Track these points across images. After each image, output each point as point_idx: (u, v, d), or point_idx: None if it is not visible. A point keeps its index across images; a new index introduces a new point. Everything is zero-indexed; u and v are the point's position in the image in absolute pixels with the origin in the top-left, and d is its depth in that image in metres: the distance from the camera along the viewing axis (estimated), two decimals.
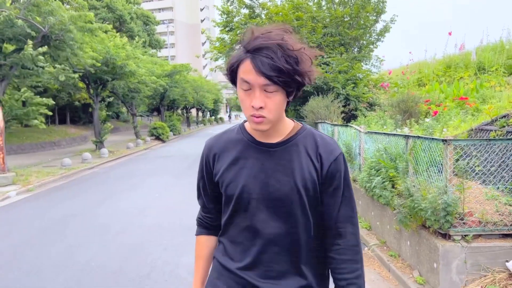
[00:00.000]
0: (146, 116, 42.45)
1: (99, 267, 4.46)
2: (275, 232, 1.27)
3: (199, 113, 49.01)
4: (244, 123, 1.38)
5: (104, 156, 15.15)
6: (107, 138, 17.75)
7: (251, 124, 1.21)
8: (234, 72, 1.20)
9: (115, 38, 16.61)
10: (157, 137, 23.46)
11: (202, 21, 78.94)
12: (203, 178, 1.41)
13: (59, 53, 11.41)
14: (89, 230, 5.89)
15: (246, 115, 1.21)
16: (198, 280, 1.48)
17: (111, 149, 17.19)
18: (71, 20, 10.79)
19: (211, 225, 1.47)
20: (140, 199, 7.98)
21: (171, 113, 31.86)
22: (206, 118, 53.84)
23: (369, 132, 6.07)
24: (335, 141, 1.33)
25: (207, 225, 1.47)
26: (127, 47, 16.77)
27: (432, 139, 3.93)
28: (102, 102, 19.29)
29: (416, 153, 4.21)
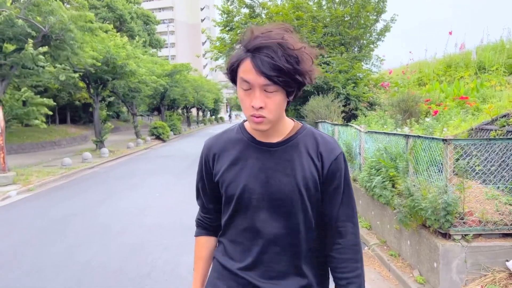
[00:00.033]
0: (147, 115, 42.44)
1: (100, 266, 4.46)
2: (276, 232, 1.26)
3: (200, 113, 49.02)
4: (243, 123, 1.37)
5: (105, 155, 15.16)
6: (107, 138, 17.76)
7: (251, 124, 1.20)
8: (234, 72, 1.18)
9: (115, 37, 16.61)
10: (158, 136, 23.46)
11: (202, 20, 78.94)
12: (203, 178, 1.39)
13: (59, 52, 11.41)
14: (89, 230, 5.89)
15: (246, 115, 1.20)
16: (198, 281, 1.46)
17: (111, 148, 17.19)
18: (71, 20, 10.79)
19: (210, 226, 1.46)
20: (140, 199, 7.98)
21: (171, 113, 31.85)
22: (207, 117, 53.87)
23: (369, 131, 6.07)
24: (335, 140, 1.33)
25: (206, 226, 1.46)
26: (128, 46, 16.77)
27: (432, 138, 3.93)
28: (103, 101, 19.32)
29: (416, 152, 4.21)
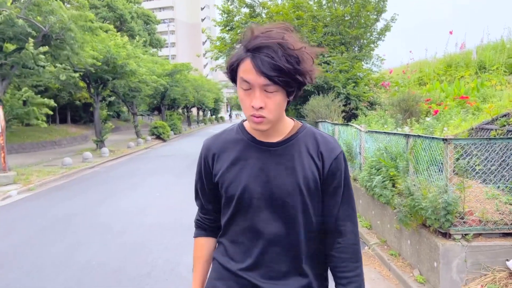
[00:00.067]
0: (147, 115, 42.47)
1: (100, 266, 4.47)
2: (276, 232, 1.26)
3: (200, 112, 49.02)
4: (242, 123, 1.36)
5: (105, 155, 15.16)
6: (107, 137, 17.78)
7: (251, 124, 1.20)
8: (234, 71, 1.18)
9: (115, 37, 16.62)
10: (158, 136, 23.47)
11: (202, 20, 78.92)
12: (202, 179, 1.38)
13: (59, 52, 11.41)
14: (89, 229, 5.90)
15: (246, 114, 1.19)
16: (197, 282, 1.45)
17: (111, 148, 17.20)
18: (71, 19, 10.79)
19: (209, 227, 1.45)
20: (140, 198, 7.99)
21: (171, 112, 31.87)
22: (207, 117, 53.87)
23: (369, 131, 6.07)
24: (335, 140, 1.33)
25: (205, 227, 1.45)
26: (128, 46, 16.78)
27: (433, 138, 3.93)
28: (103, 101, 19.34)
29: (417, 152, 4.22)
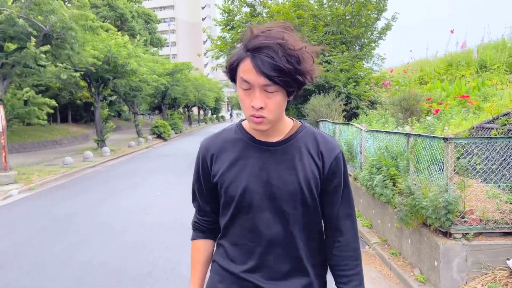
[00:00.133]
0: (148, 114, 42.49)
1: (101, 265, 4.48)
2: (278, 232, 1.25)
3: (201, 112, 49.02)
4: (241, 122, 1.34)
5: (106, 154, 15.18)
6: (108, 137, 17.79)
7: (251, 124, 1.19)
8: (233, 71, 1.17)
9: (116, 36, 16.61)
10: (159, 135, 23.47)
11: (203, 19, 78.92)
12: (199, 179, 1.36)
13: (60, 51, 11.41)
14: (90, 229, 5.91)
15: (246, 114, 1.18)
16: (196, 286, 1.42)
17: (112, 147, 17.21)
18: (72, 19, 10.79)
19: (208, 228, 1.43)
20: (141, 198, 8.00)
21: (172, 112, 31.87)
22: (208, 116, 53.87)
23: (370, 130, 6.07)
24: (334, 139, 1.33)
25: (203, 229, 1.43)
26: (129, 45, 16.76)
27: (433, 137, 3.93)
28: (104, 100, 19.34)
29: (417, 151, 4.21)
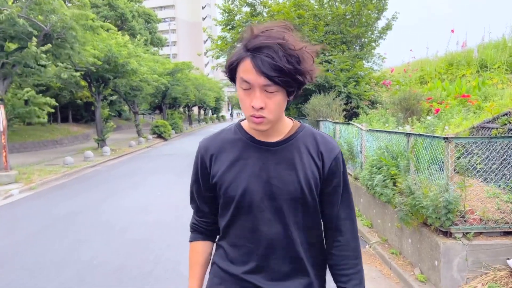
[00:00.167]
0: (148, 114, 42.49)
1: (101, 264, 4.48)
2: (278, 233, 1.24)
3: (201, 111, 49.00)
4: (240, 122, 1.34)
5: (106, 154, 15.18)
6: (109, 136, 17.79)
7: (251, 124, 1.18)
8: (233, 71, 1.17)
9: (116, 36, 16.61)
10: (159, 135, 23.48)
11: (203, 19, 78.89)
12: (198, 180, 1.35)
13: (61, 51, 11.41)
14: (91, 228, 5.92)
15: (245, 115, 1.18)
16: None
17: (113, 147, 17.21)
18: (72, 18, 10.79)
19: (206, 230, 1.42)
20: (142, 197, 8.01)
21: (173, 111, 31.84)
22: (208, 116, 53.85)
23: (370, 130, 6.08)
24: (333, 139, 1.33)
25: (202, 230, 1.42)
26: (129, 45, 16.75)
27: (434, 137, 3.93)
28: (104, 100, 19.33)
29: (418, 151, 4.22)
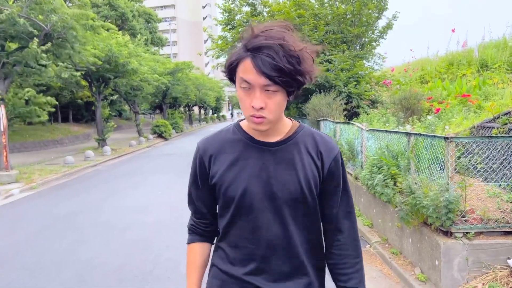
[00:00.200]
0: (149, 114, 42.51)
1: (102, 264, 4.49)
2: (278, 233, 1.24)
3: (201, 111, 49.00)
4: (239, 123, 1.33)
5: (107, 154, 15.19)
6: (109, 136, 17.81)
7: (251, 124, 1.18)
8: (233, 70, 1.16)
9: (117, 36, 16.62)
10: (160, 135, 23.50)
11: (204, 18, 78.91)
12: (196, 181, 1.34)
13: (61, 51, 11.41)
14: (91, 228, 5.92)
15: (245, 115, 1.17)
16: None
17: (113, 147, 17.23)
18: (73, 18, 10.79)
19: (204, 231, 1.40)
20: (142, 197, 8.01)
21: (173, 111, 31.84)
22: (209, 115, 53.84)
23: (371, 129, 6.07)
24: (332, 139, 1.33)
25: (200, 232, 1.40)
26: (129, 45, 16.76)
27: (434, 136, 3.93)
28: (105, 100, 19.32)
29: (418, 150, 4.21)
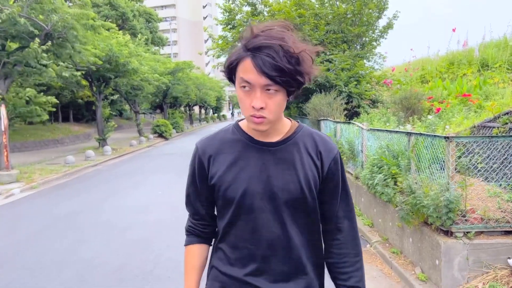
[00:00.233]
0: (149, 113, 42.49)
1: (102, 264, 4.49)
2: (278, 233, 1.24)
3: (202, 111, 49.00)
4: (238, 123, 1.33)
5: (107, 153, 15.21)
6: (110, 136, 17.81)
7: (251, 124, 1.18)
8: (232, 70, 1.16)
9: (117, 35, 16.62)
10: (160, 134, 23.51)
11: (204, 18, 78.91)
12: (195, 182, 1.33)
13: (62, 50, 11.41)
14: (92, 228, 5.93)
15: (245, 115, 1.17)
16: None
17: (114, 146, 17.24)
18: (73, 18, 10.79)
19: (203, 232, 1.39)
20: (143, 197, 8.02)
21: (174, 111, 31.86)
22: (209, 115, 53.84)
23: (371, 129, 6.07)
24: (331, 139, 1.33)
25: (199, 233, 1.39)
26: (130, 44, 16.76)
27: (435, 136, 3.93)
28: (105, 99, 19.33)
29: (419, 150, 4.22)
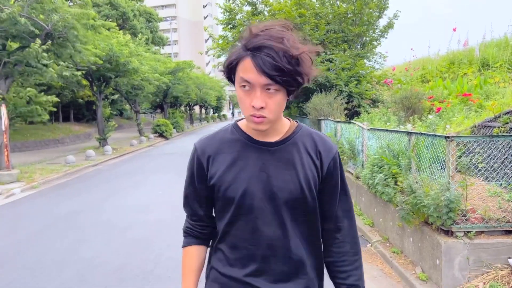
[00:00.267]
0: (150, 113, 42.50)
1: (103, 263, 4.49)
2: (278, 233, 1.23)
3: (202, 110, 49.02)
4: (237, 123, 1.33)
5: (108, 153, 15.22)
6: (110, 136, 17.83)
7: (251, 124, 1.17)
8: (232, 70, 1.16)
9: (118, 35, 16.62)
10: (161, 134, 23.52)
11: (205, 18, 78.87)
12: (194, 183, 1.32)
13: (62, 50, 11.42)
14: (92, 227, 5.93)
15: (245, 114, 1.17)
16: None
17: (114, 146, 17.25)
18: (74, 18, 10.79)
19: (201, 233, 1.38)
20: (143, 196, 8.02)
21: (174, 110, 31.86)
22: (209, 115, 53.84)
23: (372, 129, 6.07)
24: (330, 139, 1.33)
25: (197, 234, 1.38)
26: (130, 44, 16.78)
27: (435, 135, 3.93)
28: (106, 99, 19.35)
29: (419, 149, 4.21)
